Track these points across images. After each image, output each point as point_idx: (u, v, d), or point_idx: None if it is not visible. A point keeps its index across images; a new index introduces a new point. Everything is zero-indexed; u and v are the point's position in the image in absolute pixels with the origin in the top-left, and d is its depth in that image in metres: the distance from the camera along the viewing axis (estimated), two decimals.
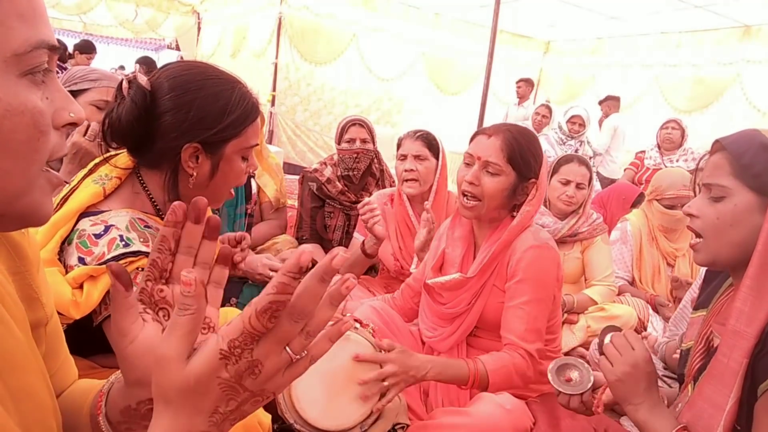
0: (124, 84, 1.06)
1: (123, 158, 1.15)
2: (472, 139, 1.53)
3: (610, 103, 5.78)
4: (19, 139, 0.45)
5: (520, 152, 1.45)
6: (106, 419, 0.61)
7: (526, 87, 6.44)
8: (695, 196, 1.05)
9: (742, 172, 0.95)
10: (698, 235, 1.01)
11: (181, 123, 1.06)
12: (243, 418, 0.49)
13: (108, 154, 1.14)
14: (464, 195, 1.49)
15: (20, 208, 0.49)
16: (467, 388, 1.37)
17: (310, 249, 0.43)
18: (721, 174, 0.97)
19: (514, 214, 1.51)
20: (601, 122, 5.74)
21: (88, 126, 1.46)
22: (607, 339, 1.06)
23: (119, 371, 0.62)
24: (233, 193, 1.21)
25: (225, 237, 1.67)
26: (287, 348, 0.47)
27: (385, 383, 1.24)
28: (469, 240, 1.60)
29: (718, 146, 1.00)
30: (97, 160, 1.17)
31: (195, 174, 1.09)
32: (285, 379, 0.48)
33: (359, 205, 1.98)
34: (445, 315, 1.55)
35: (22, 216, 0.50)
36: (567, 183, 2.39)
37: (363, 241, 2.11)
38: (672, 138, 4.16)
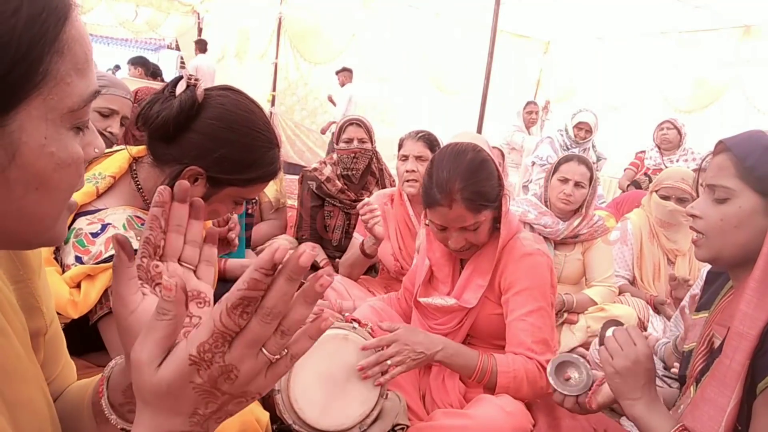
0: (182, 83, 1.06)
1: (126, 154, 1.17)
2: (428, 207, 1.43)
3: (345, 74, 6.81)
4: (63, 187, 0.48)
5: (483, 195, 1.38)
6: (108, 402, 0.61)
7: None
8: (697, 196, 1.05)
9: (747, 174, 0.94)
10: (701, 235, 1.01)
11: (205, 150, 1.06)
12: (231, 416, 0.49)
13: (123, 147, 1.17)
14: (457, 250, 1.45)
15: (45, 239, 0.51)
16: (474, 380, 1.34)
17: (286, 245, 0.43)
18: (726, 175, 0.96)
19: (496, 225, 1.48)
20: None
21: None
22: (609, 332, 1.06)
23: (119, 357, 0.63)
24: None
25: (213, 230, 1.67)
26: (263, 350, 0.45)
27: (389, 362, 1.23)
28: (453, 258, 1.58)
29: (722, 147, 0.99)
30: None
31: None
32: (268, 380, 0.47)
33: (359, 206, 1.98)
34: (436, 331, 1.53)
35: (43, 243, 0.52)
36: (565, 181, 2.38)
37: (362, 242, 2.11)
38: (669, 138, 4.17)
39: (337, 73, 6.91)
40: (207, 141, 1.06)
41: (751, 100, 5.54)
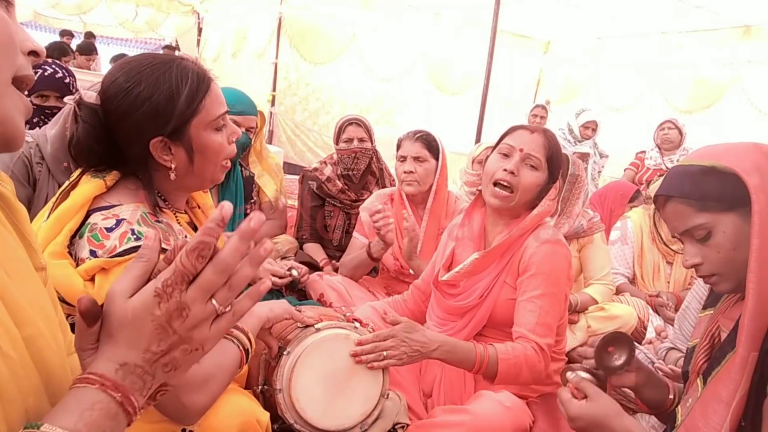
0: (75, 109, 1.07)
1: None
2: (507, 133, 1.55)
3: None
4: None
5: (556, 154, 1.50)
6: None
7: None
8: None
9: (705, 204, 0.96)
10: (712, 275, 1.01)
11: (136, 124, 1.05)
12: (176, 370, 0.55)
13: (86, 170, 1.13)
14: (497, 185, 1.49)
15: None
16: (474, 372, 1.36)
17: (230, 205, 0.49)
18: (690, 217, 0.98)
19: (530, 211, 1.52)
20: None
21: None
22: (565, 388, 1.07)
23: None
24: (228, 164, 1.19)
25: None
26: (213, 300, 0.53)
27: (384, 354, 1.25)
28: (480, 240, 1.60)
29: (663, 198, 1.02)
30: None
31: (174, 165, 1.09)
32: (212, 332, 0.54)
33: (370, 213, 1.97)
34: (455, 309, 1.55)
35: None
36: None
37: (369, 244, 2.11)
38: (670, 138, 4.18)
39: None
40: (128, 118, 1.05)
41: (751, 100, 5.54)
